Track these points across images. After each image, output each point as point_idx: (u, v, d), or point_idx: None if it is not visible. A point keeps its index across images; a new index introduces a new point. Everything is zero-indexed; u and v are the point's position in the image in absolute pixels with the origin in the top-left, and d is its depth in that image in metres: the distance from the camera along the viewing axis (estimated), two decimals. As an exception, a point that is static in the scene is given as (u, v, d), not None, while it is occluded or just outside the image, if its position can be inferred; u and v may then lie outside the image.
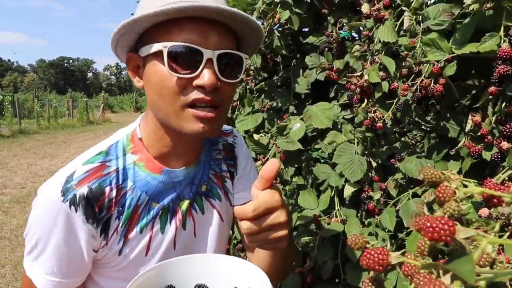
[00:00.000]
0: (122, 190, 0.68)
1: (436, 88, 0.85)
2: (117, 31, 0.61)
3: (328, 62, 1.33)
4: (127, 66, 0.69)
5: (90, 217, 0.64)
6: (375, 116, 0.99)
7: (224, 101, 0.65)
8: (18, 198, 5.13)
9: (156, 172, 0.70)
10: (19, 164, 7.28)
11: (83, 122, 17.02)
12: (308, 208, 1.19)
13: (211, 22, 0.59)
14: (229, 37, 0.63)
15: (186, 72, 0.60)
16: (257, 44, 0.69)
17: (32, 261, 0.65)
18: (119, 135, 0.73)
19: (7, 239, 3.86)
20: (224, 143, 0.87)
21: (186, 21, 0.58)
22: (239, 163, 0.87)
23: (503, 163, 0.70)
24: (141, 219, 0.69)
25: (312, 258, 1.11)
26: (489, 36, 0.73)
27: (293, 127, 1.29)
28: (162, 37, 0.60)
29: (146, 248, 0.71)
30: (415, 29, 0.91)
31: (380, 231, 1.03)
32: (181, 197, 0.74)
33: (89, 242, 0.65)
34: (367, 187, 1.09)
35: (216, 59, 0.60)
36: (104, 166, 0.67)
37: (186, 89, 0.61)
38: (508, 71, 0.69)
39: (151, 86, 0.64)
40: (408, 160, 0.99)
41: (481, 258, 0.28)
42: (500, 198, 0.30)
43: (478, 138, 0.79)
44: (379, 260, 0.28)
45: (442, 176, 0.32)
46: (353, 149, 1.11)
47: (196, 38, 0.59)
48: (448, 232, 0.25)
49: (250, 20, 0.60)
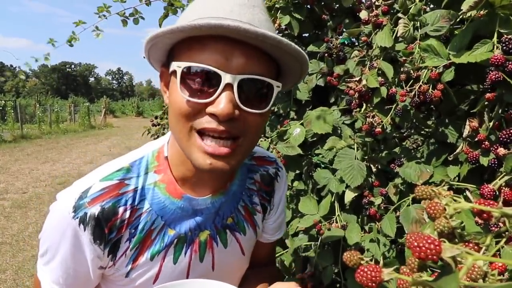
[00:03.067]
0: (137, 212, 0.63)
1: (434, 93, 0.85)
2: (144, 45, 0.57)
3: (328, 67, 1.34)
4: (160, 81, 0.64)
5: (98, 238, 0.61)
6: (373, 121, 1.00)
7: (248, 131, 0.56)
8: (19, 203, 5.14)
9: (176, 197, 0.65)
10: (20, 169, 7.30)
11: (84, 127, 17.08)
12: (308, 213, 1.19)
13: (237, 42, 0.51)
14: (260, 60, 0.54)
15: (199, 96, 0.53)
16: (301, 71, 0.60)
17: (44, 265, 0.65)
18: (146, 150, 0.68)
19: (8, 244, 3.85)
20: (263, 174, 0.78)
21: (209, 39, 0.52)
22: (275, 199, 0.80)
23: (500, 168, 0.70)
24: (153, 245, 0.65)
25: (312, 264, 1.11)
26: (481, 43, 0.74)
27: (293, 132, 1.30)
28: (183, 55, 0.55)
29: (155, 277, 0.67)
30: (411, 35, 0.91)
31: (381, 237, 1.03)
32: (201, 227, 0.68)
33: (95, 261, 0.63)
34: (368, 193, 1.09)
35: (237, 85, 0.52)
36: (123, 185, 0.63)
37: (198, 114, 0.54)
38: (499, 77, 0.70)
39: (169, 104, 0.59)
40: (408, 165, 0.99)
41: (472, 272, 0.29)
42: (489, 213, 0.31)
43: (476, 144, 0.79)
44: (371, 277, 0.29)
45: (432, 193, 0.33)
46: (353, 155, 1.11)
47: (218, 58, 0.52)
48: (434, 251, 0.26)
49: (283, 43, 0.51)
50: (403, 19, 0.93)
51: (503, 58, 0.69)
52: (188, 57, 0.54)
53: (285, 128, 1.35)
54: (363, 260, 0.33)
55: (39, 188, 5.94)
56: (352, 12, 1.39)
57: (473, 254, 0.28)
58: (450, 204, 0.32)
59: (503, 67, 0.70)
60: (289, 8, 1.34)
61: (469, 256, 0.27)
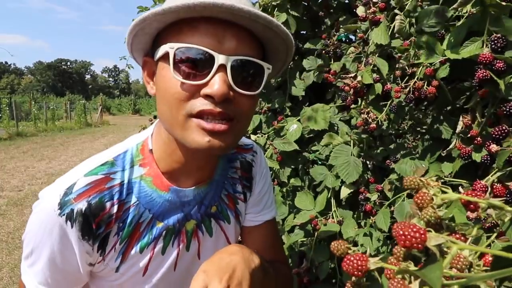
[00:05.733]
0: (124, 206, 0.63)
1: (428, 90, 0.86)
2: (129, 31, 0.55)
3: (325, 64, 1.34)
4: (143, 72, 0.63)
5: (86, 234, 0.60)
6: (368, 117, 1.00)
7: (241, 114, 0.56)
8: (15, 201, 5.11)
9: (163, 190, 0.65)
10: (16, 167, 7.26)
11: (81, 124, 16.97)
12: (304, 209, 1.20)
13: (229, 24, 0.52)
14: (251, 43, 0.55)
15: (193, 78, 0.53)
16: (286, 55, 0.60)
17: (28, 267, 0.63)
18: (130, 143, 0.67)
19: (4, 242, 3.84)
20: (242, 161, 0.79)
21: (200, 22, 0.52)
22: (255, 184, 0.81)
23: (493, 165, 0.71)
24: (142, 237, 0.65)
25: (308, 259, 1.12)
26: (471, 41, 0.75)
27: (289, 128, 1.30)
28: (173, 38, 0.54)
29: (144, 269, 0.67)
30: (407, 31, 0.92)
31: (375, 231, 1.04)
32: (188, 218, 0.69)
33: (84, 258, 0.62)
34: (363, 189, 1.10)
35: (230, 66, 0.52)
36: (108, 179, 0.62)
37: (193, 98, 0.53)
38: (487, 75, 0.71)
39: (158, 92, 0.58)
40: (403, 161, 1.00)
41: (458, 262, 0.29)
42: (476, 204, 0.32)
43: (469, 140, 0.80)
44: (358, 266, 0.30)
45: (420, 183, 0.34)
46: (349, 151, 1.12)
47: (210, 41, 0.51)
48: (420, 239, 0.26)
49: (274, 24, 0.52)
50: (399, 16, 0.93)
51: (491, 56, 0.70)
52: (178, 39, 0.53)
53: (282, 124, 1.35)
54: (350, 249, 0.33)
55: (35, 185, 5.90)
56: (349, 8, 1.39)
57: (458, 243, 0.28)
58: (437, 195, 0.32)
59: (491, 65, 0.71)
60: (286, 5, 1.34)
61: (454, 245, 0.28)
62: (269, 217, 0.83)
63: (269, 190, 0.84)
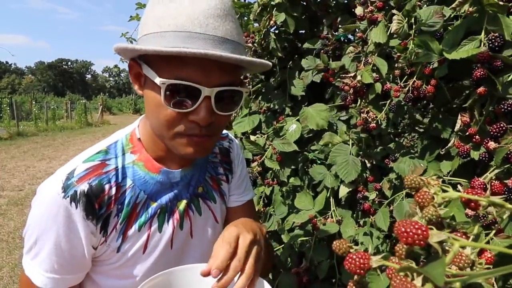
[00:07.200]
0: (121, 188, 0.69)
1: (427, 89, 0.86)
2: (116, 48, 0.62)
3: (324, 64, 1.34)
4: (129, 71, 0.68)
5: (90, 214, 0.65)
6: (367, 116, 1.01)
7: (219, 128, 0.67)
8: (15, 201, 5.12)
9: (155, 172, 0.72)
10: (16, 167, 7.27)
11: (81, 124, 16.98)
12: (304, 209, 1.20)
13: (215, 61, 0.58)
14: (233, 70, 0.62)
15: (182, 107, 0.60)
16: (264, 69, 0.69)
17: (31, 260, 0.65)
18: (118, 135, 0.74)
19: (5, 242, 3.85)
20: (220, 147, 0.88)
21: (190, 58, 0.57)
22: (235, 167, 0.90)
23: (491, 162, 0.71)
24: (139, 217, 0.71)
25: (308, 258, 1.12)
26: (469, 40, 0.75)
27: (289, 128, 1.30)
28: (161, 69, 0.59)
29: (144, 246, 0.72)
30: (405, 31, 0.92)
31: (375, 230, 1.04)
32: (178, 197, 0.76)
33: (89, 239, 0.66)
34: (362, 188, 1.10)
35: (214, 96, 0.60)
36: (104, 165, 0.69)
37: (181, 121, 0.62)
38: (484, 74, 0.72)
39: (148, 105, 0.65)
40: (402, 160, 1.00)
41: (460, 260, 0.29)
42: (477, 202, 0.32)
43: (467, 138, 0.80)
44: (360, 264, 0.30)
45: (421, 182, 0.34)
46: (348, 150, 1.12)
47: (198, 76, 0.58)
48: (422, 236, 0.26)
49: (257, 63, 0.61)
50: (397, 15, 0.93)
51: (489, 55, 0.71)
52: (169, 72, 0.59)
53: (281, 124, 1.35)
54: (352, 248, 0.33)
55: (35, 185, 5.91)
56: (348, 8, 1.39)
57: (460, 240, 0.28)
58: (438, 193, 0.33)
59: (489, 64, 0.71)
60: (285, 5, 1.34)
61: (456, 242, 0.28)
62: (250, 197, 0.94)
63: (247, 174, 0.95)
